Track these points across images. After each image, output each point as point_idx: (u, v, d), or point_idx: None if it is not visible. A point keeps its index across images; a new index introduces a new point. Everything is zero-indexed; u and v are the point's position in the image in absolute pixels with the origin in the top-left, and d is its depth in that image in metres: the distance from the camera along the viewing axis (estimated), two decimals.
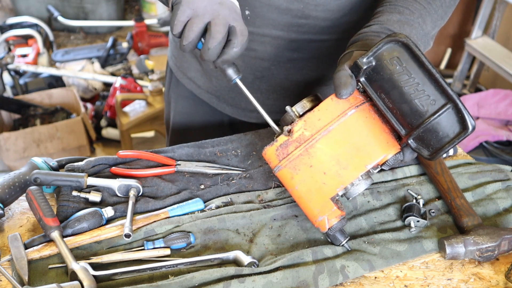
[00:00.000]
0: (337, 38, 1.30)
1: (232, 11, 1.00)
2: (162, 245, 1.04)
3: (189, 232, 1.07)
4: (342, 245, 1.03)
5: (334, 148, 0.98)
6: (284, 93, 1.39)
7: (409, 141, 0.97)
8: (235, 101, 1.44)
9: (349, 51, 1.08)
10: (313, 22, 1.25)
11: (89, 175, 1.18)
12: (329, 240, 1.05)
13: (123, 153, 1.24)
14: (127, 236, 1.03)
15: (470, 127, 0.92)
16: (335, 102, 0.98)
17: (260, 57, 1.31)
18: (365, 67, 0.96)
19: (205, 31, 0.99)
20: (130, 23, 4.46)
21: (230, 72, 1.04)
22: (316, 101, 1.02)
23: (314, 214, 1.01)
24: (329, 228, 1.00)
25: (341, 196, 1.02)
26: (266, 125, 1.19)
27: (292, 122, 1.01)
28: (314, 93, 1.04)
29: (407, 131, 0.97)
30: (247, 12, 1.24)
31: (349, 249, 1.03)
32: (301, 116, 1.01)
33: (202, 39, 1.00)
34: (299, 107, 1.02)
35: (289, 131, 0.99)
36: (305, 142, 0.98)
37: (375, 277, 1.00)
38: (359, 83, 1.00)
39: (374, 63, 0.97)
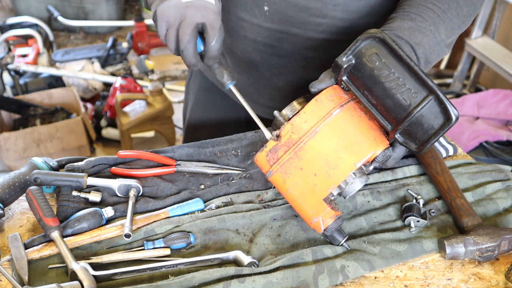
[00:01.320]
0: (354, 39, 1.30)
1: (201, 9, 1.02)
2: (162, 245, 1.04)
3: (189, 232, 1.07)
4: (341, 245, 1.04)
5: (322, 149, 0.98)
6: (301, 92, 1.39)
7: (396, 136, 0.97)
8: (253, 96, 1.45)
9: None
10: (331, 21, 1.24)
11: (89, 175, 1.18)
12: (328, 240, 1.05)
13: (123, 153, 1.24)
14: (127, 236, 1.03)
15: (454, 117, 0.92)
16: (319, 103, 0.99)
17: (277, 54, 1.32)
18: (345, 66, 0.97)
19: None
20: (130, 23, 4.46)
21: (224, 78, 1.06)
22: (305, 103, 1.02)
23: (308, 216, 1.01)
24: (325, 229, 1.01)
25: (338, 195, 1.02)
26: (269, 118, 1.19)
27: (281, 125, 1.01)
28: (304, 95, 1.04)
29: (393, 126, 0.98)
30: (265, 8, 1.24)
31: (349, 248, 1.03)
32: (290, 119, 1.01)
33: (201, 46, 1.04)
34: (288, 110, 1.02)
35: (278, 136, 1.00)
36: (293, 145, 0.99)
37: (375, 277, 1.00)
38: (342, 82, 1.00)
39: (354, 61, 0.98)
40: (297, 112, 1.01)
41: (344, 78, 0.99)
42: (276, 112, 1.03)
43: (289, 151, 0.99)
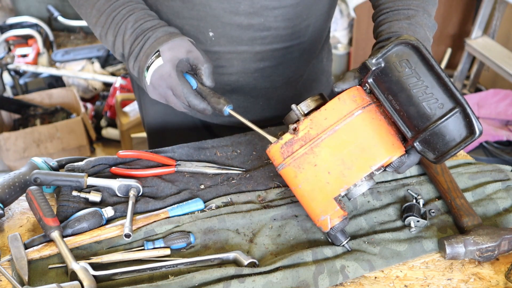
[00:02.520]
0: (300, 42, 1.34)
1: (161, 82, 1.09)
2: (162, 245, 1.04)
3: (189, 232, 1.07)
4: (343, 245, 1.03)
5: (340, 148, 0.98)
6: (254, 101, 1.43)
7: (415, 144, 0.97)
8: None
9: (378, 41, 1.11)
10: (275, 32, 1.27)
11: (89, 175, 1.18)
12: (329, 240, 1.05)
13: (123, 153, 1.24)
14: (127, 236, 1.03)
15: (477, 132, 0.92)
16: (342, 102, 0.98)
17: (228, 72, 1.33)
18: (373, 68, 0.96)
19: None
20: None
21: (221, 104, 1.08)
22: (321, 100, 1.02)
23: (316, 213, 1.00)
24: (331, 228, 1.00)
25: (343, 196, 1.02)
26: (241, 127, 1.22)
27: (298, 120, 1.01)
28: (320, 92, 1.04)
29: (413, 133, 0.97)
30: (210, 34, 1.25)
31: (349, 250, 1.03)
32: (306, 114, 1.01)
33: (193, 80, 1.10)
34: (304, 106, 1.02)
35: (295, 129, 0.99)
36: (310, 141, 0.98)
37: (375, 277, 1.00)
38: (366, 84, 1.00)
39: (383, 65, 0.97)
40: (313, 109, 1.01)
41: (370, 80, 0.99)
42: (293, 106, 1.02)
43: (305, 146, 0.99)
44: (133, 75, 1.15)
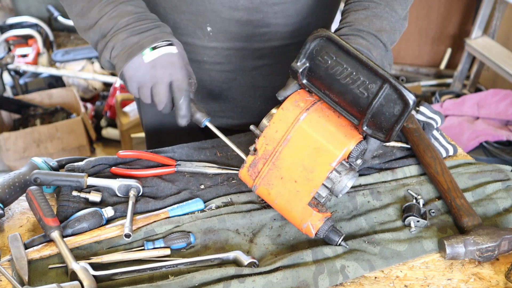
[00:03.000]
0: (299, 41, 1.32)
1: (168, 67, 1.05)
2: (162, 245, 1.04)
3: (189, 232, 1.07)
4: (340, 244, 1.04)
5: (297, 155, 0.99)
6: (251, 100, 1.42)
7: (364, 129, 0.98)
8: (217, 113, 1.45)
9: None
10: (274, 29, 1.26)
11: (89, 175, 1.18)
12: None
13: (123, 153, 1.24)
14: (127, 236, 1.03)
15: (411, 101, 0.91)
16: (286, 110, 1.00)
17: (226, 70, 1.33)
18: (300, 70, 0.99)
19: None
20: None
21: (198, 116, 1.09)
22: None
23: (298, 223, 1.02)
24: (316, 233, 1.01)
25: (329, 195, 1.02)
26: (236, 129, 1.23)
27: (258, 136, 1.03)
28: (281, 102, 1.05)
29: (358, 119, 0.98)
30: (208, 29, 1.25)
31: (347, 247, 1.03)
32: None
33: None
34: (266, 120, 1.03)
35: (255, 149, 1.02)
36: (269, 156, 1.01)
37: (375, 277, 1.00)
38: (304, 85, 1.01)
39: (308, 64, 0.99)
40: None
41: (304, 81, 1.01)
42: (252, 127, 1.04)
43: (267, 163, 1.01)
44: (106, 47, 1.06)
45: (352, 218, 1.11)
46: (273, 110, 1.03)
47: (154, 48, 1.04)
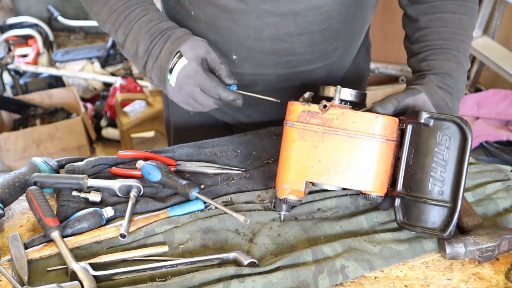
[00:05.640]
0: (325, 64, 1.32)
1: (188, 80, 1.08)
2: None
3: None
4: (279, 215, 1.09)
5: (344, 152, 1.01)
6: (279, 117, 1.41)
7: (396, 199, 1.02)
8: (232, 111, 1.46)
9: (422, 74, 1.12)
10: (301, 57, 1.26)
11: (89, 175, 1.18)
12: (274, 206, 1.10)
13: (123, 153, 1.24)
14: (122, 236, 1.02)
15: (446, 234, 0.98)
16: (375, 122, 1.01)
17: (251, 91, 1.32)
18: (421, 121, 0.99)
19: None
20: None
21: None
22: (359, 99, 1.05)
23: (284, 180, 1.04)
24: (283, 199, 1.05)
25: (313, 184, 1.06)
26: (264, 126, 1.23)
27: (332, 99, 1.04)
28: (364, 92, 1.07)
29: (402, 190, 1.02)
30: (234, 57, 1.25)
31: (282, 220, 1.09)
32: (342, 101, 1.04)
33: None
34: (345, 93, 1.04)
35: (325, 107, 1.01)
36: (328, 127, 1.01)
37: (375, 277, 1.00)
38: (405, 125, 1.02)
39: (430, 124, 0.99)
40: (352, 102, 1.04)
41: (410, 126, 1.01)
42: (338, 87, 1.04)
43: (320, 127, 1.01)
44: (150, 78, 1.14)
45: (353, 217, 1.11)
46: (351, 91, 1.04)
47: (171, 70, 1.08)
